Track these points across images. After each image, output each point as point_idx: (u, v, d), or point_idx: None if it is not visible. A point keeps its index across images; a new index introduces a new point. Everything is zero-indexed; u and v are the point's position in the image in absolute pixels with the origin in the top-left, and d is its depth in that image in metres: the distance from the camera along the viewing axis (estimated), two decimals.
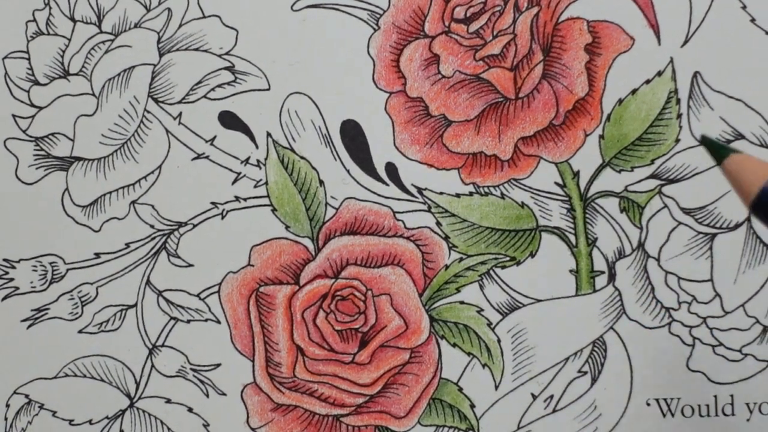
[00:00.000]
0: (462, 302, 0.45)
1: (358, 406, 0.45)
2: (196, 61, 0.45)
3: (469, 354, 0.45)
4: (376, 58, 0.45)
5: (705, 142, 0.33)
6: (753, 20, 0.44)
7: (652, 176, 0.44)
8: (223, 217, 0.45)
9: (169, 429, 0.46)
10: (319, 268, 0.45)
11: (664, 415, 0.45)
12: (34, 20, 0.45)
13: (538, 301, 0.45)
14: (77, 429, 0.46)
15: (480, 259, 0.45)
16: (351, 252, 0.45)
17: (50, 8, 0.45)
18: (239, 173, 0.45)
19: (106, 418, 0.46)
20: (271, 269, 0.45)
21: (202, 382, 0.46)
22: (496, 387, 0.45)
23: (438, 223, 0.45)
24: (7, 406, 0.46)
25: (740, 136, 0.44)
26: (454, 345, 0.45)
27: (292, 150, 0.45)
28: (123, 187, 0.45)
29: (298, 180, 0.45)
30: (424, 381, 0.45)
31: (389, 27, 0.45)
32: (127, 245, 0.46)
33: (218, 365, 0.46)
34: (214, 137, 0.45)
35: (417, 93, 0.45)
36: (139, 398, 0.46)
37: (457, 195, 0.45)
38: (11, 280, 0.45)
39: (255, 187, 0.45)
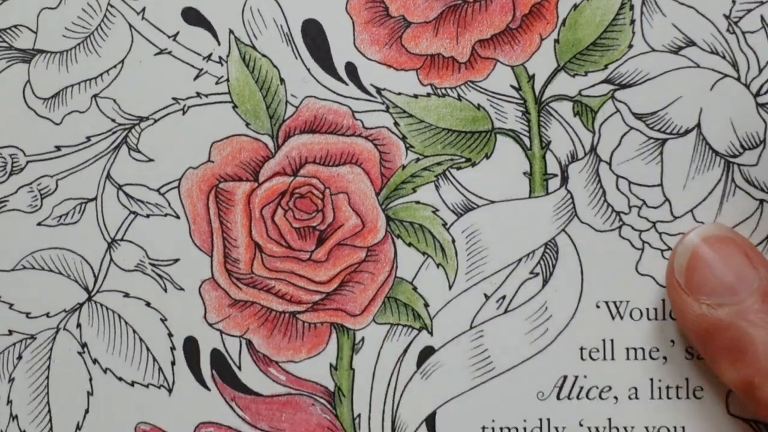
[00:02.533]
0: (418, 202, 0.46)
1: (315, 303, 0.46)
2: None
3: (423, 254, 0.46)
4: None
5: None
6: None
7: (606, 81, 0.45)
8: (184, 113, 0.46)
9: (126, 323, 0.46)
10: (278, 166, 0.46)
11: (613, 318, 0.46)
12: None
13: (492, 202, 0.46)
14: (34, 322, 0.46)
15: (436, 160, 0.46)
16: (310, 150, 0.46)
17: None
18: (201, 69, 0.46)
19: (64, 311, 0.46)
20: (230, 166, 0.46)
21: (160, 276, 0.46)
22: (450, 287, 0.46)
23: (396, 123, 0.46)
24: None
25: (691, 43, 0.45)
26: (410, 244, 0.46)
27: (254, 47, 0.46)
28: (85, 81, 0.46)
29: (259, 77, 0.46)
30: (379, 279, 0.46)
31: None
32: (88, 138, 0.46)
33: (177, 260, 0.46)
34: (177, 33, 0.46)
35: None
36: (97, 292, 0.46)
37: (415, 96, 0.45)
38: None
39: (216, 83, 0.46)
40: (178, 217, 0.46)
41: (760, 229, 0.45)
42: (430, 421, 0.45)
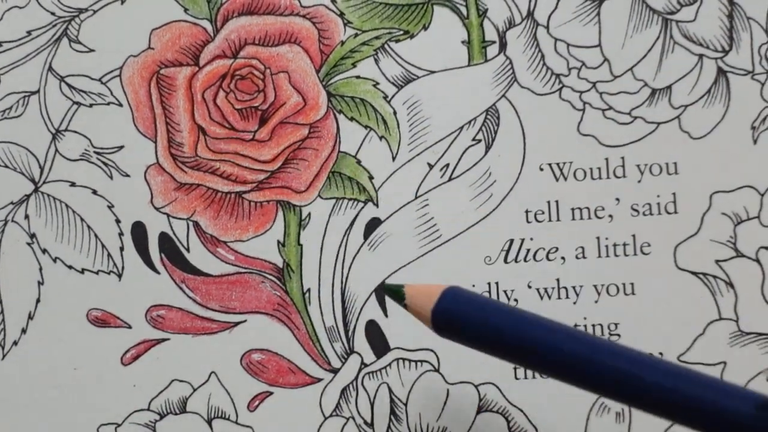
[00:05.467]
0: (358, 77, 0.46)
1: (260, 182, 0.46)
2: None
3: (366, 127, 0.46)
4: None
5: (385, 290, 0.36)
6: None
7: None
8: (122, 2, 0.46)
9: (74, 211, 0.46)
10: (218, 49, 0.46)
11: (557, 179, 0.45)
12: None
13: (432, 72, 0.46)
14: None
15: (374, 34, 0.46)
16: (249, 32, 0.46)
17: None
18: None
19: (11, 203, 0.46)
20: (171, 51, 0.46)
21: (105, 164, 0.46)
22: (394, 158, 0.46)
23: (333, 0, 0.46)
24: None
25: None
26: (352, 119, 0.46)
27: None
28: None
29: None
30: (323, 155, 0.46)
31: None
32: (29, 33, 0.46)
33: (121, 147, 0.46)
34: None
35: None
36: (44, 183, 0.46)
37: None
38: None
39: None
40: (120, 105, 0.46)
41: (700, 84, 0.45)
42: (380, 291, 0.45)
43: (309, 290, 0.46)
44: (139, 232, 0.46)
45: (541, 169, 0.45)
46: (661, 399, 0.32)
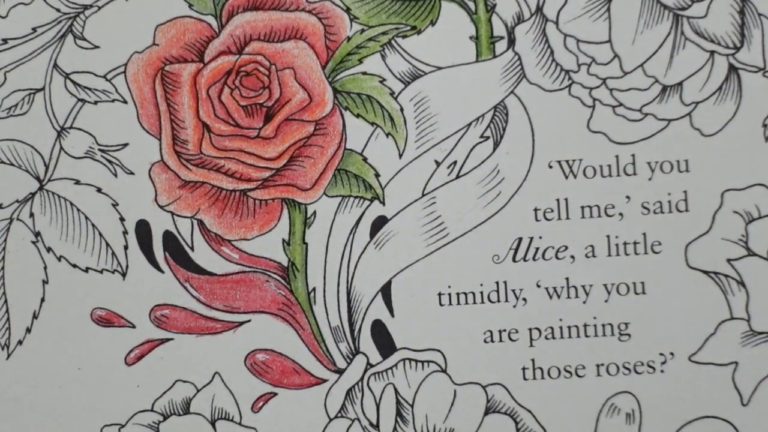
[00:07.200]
0: (365, 73, 0.45)
1: (265, 180, 0.46)
2: None
3: (372, 124, 0.45)
4: None
5: None
6: None
7: None
8: None
9: (78, 210, 0.46)
10: (223, 45, 0.46)
11: (566, 177, 0.45)
12: None
13: (440, 68, 0.45)
14: None
15: (381, 30, 0.45)
16: (254, 27, 0.46)
17: None
18: None
19: (16, 201, 0.46)
20: (175, 48, 0.46)
21: (110, 162, 0.46)
22: (400, 155, 0.45)
23: None
24: None
25: None
26: (358, 116, 0.45)
27: None
28: None
29: None
30: (329, 152, 0.46)
31: None
32: (34, 30, 0.46)
33: (126, 145, 0.46)
34: None
35: None
36: (49, 180, 0.46)
37: None
38: None
39: None
40: (125, 102, 0.46)
41: (712, 80, 0.44)
42: (386, 290, 0.45)
43: (314, 290, 0.45)
44: (143, 230, 0.46)
45: (551, 167, 0.45)
46: None
